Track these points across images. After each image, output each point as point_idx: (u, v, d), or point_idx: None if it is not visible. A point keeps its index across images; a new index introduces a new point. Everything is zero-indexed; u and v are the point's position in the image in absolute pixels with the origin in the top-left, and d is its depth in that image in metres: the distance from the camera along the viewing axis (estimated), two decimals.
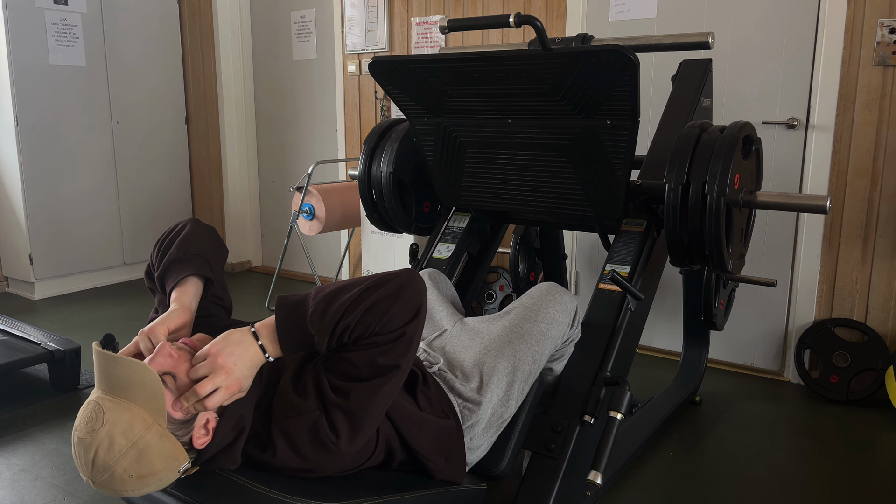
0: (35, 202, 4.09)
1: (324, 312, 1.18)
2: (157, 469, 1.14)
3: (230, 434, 1.23)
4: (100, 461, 1.11)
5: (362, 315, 1.18)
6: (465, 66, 1.77)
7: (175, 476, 1.18)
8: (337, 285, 1.23)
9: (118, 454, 1.11)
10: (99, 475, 1.12)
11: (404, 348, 1.23)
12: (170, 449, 1.15)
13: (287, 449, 1.23)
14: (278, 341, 1.20)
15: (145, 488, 1.15)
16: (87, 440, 1.11)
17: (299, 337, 1.20)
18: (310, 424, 1.22)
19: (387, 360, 1.22)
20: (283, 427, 1.23)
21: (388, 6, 3.83)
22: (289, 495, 1.21)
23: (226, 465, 1.26)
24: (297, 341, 1.20)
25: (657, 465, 2.26)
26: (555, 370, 1.80)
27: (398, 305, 1.19)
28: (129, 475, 1.11)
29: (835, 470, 2.24)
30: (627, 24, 3.12)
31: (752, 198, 1.87)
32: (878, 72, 2.59)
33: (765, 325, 3.00)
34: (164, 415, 1.15)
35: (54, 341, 2.80)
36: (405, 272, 1.23)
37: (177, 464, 1.16)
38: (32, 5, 3.95)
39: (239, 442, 1.24)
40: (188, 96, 4.87)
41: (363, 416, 1.25)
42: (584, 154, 1.85)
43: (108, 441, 1.11)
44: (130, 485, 1.13)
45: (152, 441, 1.13)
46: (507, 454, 1.65)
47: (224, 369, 1.17)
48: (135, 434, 1.11)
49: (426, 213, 2.40)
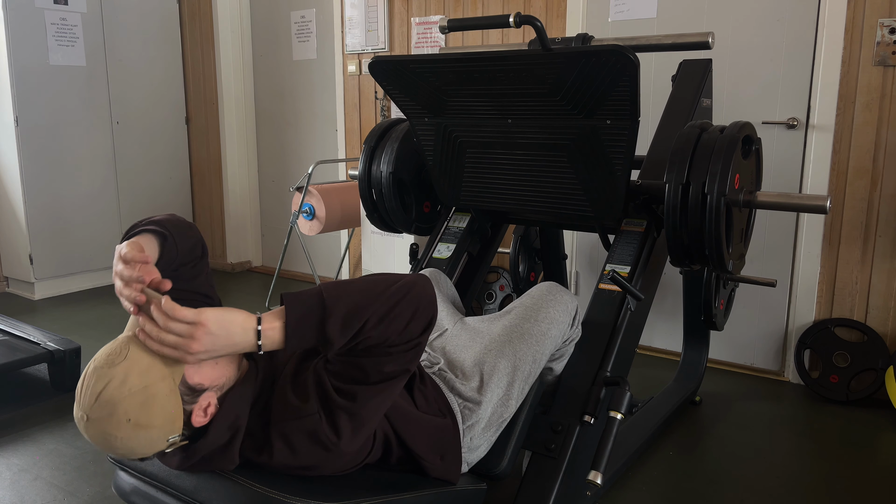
0: (35, 202, 4.09)
1: (344, 319, 1.14)
2: (153, 424, 1.12)
3: (226, 433, 1.23)
4: (106, 394, 1.09)
5: (384, 328, 1.16)
6: (465, 66, 1.77)
7: (163, 444, 1.16)
8: (352, 287, 1.18)
9: (127, 392, 1.09)
10: (99, 410, 1.10)
11: (414, 355, 1.24)
12: (173, 409, 1.14)
13: (285, 451, 1.23)
14: (285, 337, 1.15)
15: (132, 442, 1.12)
16: (103, 371, 1.10)
17: (310, 337, 1.16)
18: (309, 427, 1.22)
19: (396, 367, 1.22)
20: (281, 430, 1.23)
21: (388, 6, 3.83)
22: (289, 495, 1.21)
23: (223, 465, 1.26)
24: (305, 340, 1.16)
25: (657, 465, 2.26)
26: (555, 370, 1.80)
27: (416, 318, 1.19)
28: (127, 419, 1.09)
29: (834, 470, 2.24)
30: (627, 24, 3.12)
31: (752, 198, 1.87)
32: (878, 72, 2.59)
33: (765, 325, 3.00)
34: (181, 374, 1.15)
35: (54, 341, 2.80)
36: (421, 279, 1.22)
37: (171, 429, 1.15)
38: (32, 5, 3.95)
39: (235, 441, 1.24)
40: (188, 96, 4.87)
41: (367, 416, 1.25)
42: (584, 154, 1.85)
43: (122, 376, 1.10)
44: (122, 431, 1.10)
45: (162, 392, 1.12)
46: (507, 454, 1.65)
47: (203, 336, 1.11)
48: (150, 378, 1.11)
49: (426, 213, 2.40)
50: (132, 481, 1.37)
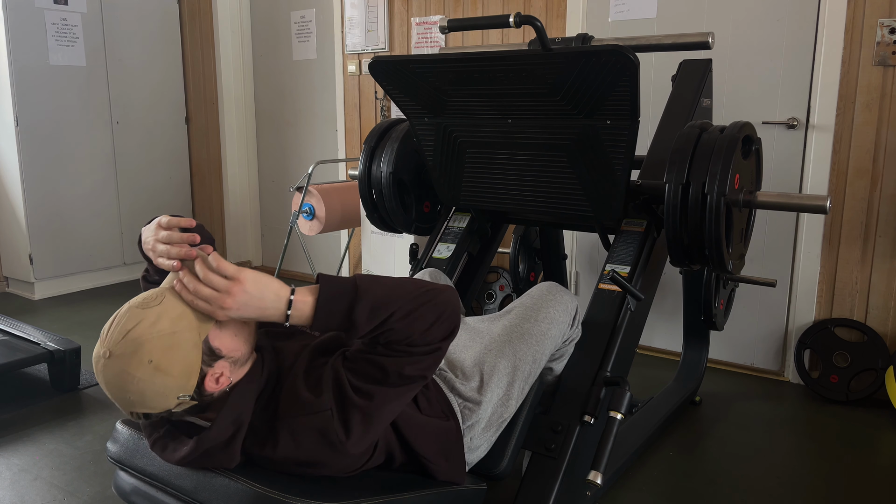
0: (35, 202, 4.09)
1: (372, 307, 1.18)
2: (172, 372, 1.13)
3: (229, 428, 1.23)
4: (135, 332, 1.12)
5: (409, 322, 1.20)
6: (465, 66, 1.77)
7: (173, 400, 1.15)
8: (384, 281, 1.23)
9: (156, 333, 1.12)
10: (124, 346, 1.12)
11: (433, 361, 1.26)
12: (192, 363, 1.15)
13: (290, 445, 1.23)
14: (314, 312, 1.17)
15: (146, 386, 1.12)
16: (136, 311, 1.14)
17: (338, 317, 1.18)
18: (319, 424, 1.22)
19: (415, 371, 1.24)
20: (289, 423, 1.23)
21: (388, 6, 3.83)
22: (289, 495, 1.21)
23: (225, 461, 1.25)
24: (332, 319, 1.18)
25: (657, 465, 2.26)
26: (555, 370, 1.80)
27: (440, 322, 1.22)
28: (149, 359, 1.11)
29: (834, 470, 2.24)
30: (627, 24, 3.12)
31: (752, 198, 1.87)
32: (878, 72, 2.59)
33: (765, 325, 3.00)
34: (207, 332, 1.17)
35: (54, 341, 2.80)
36: (450, 291, 1.26)
37: (186, 384, 1.16)
38: (32, 5, 3.95)
39: (238, 437, 1.24)
40: (188, 96, 4.87)
41: (379, 418, 1.25)
42: (584, 154, 1.85)
43: (154, 318, 1.13)
44: (141, 371, 1.11)
45: (187, 342, 1.14)
46: (507, 454, 1.65)
47: (239, 293, 1.14)
48: (179, 326, 1.14)
49: (426, 213, 2.40)
50: (132, 481, 1.37)
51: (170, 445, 1.28)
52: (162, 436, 1.30)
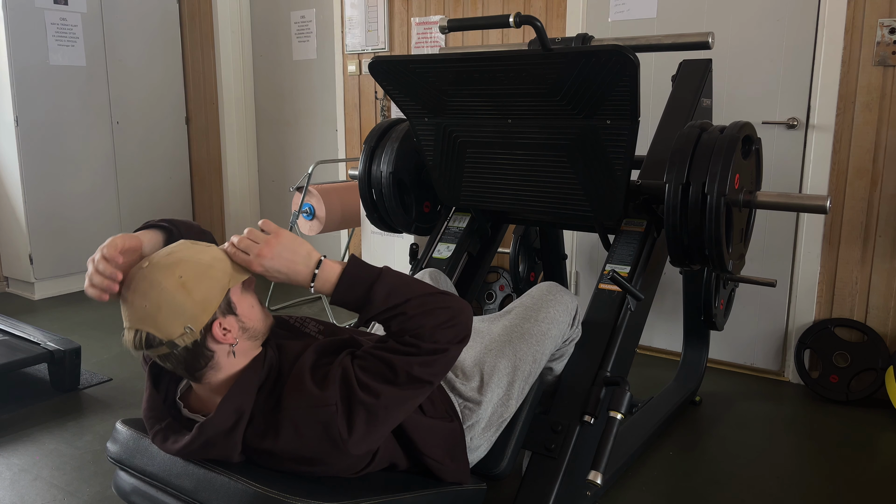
0: (35, 202, 4.09)
1: (390, 290, 1.27)
2: (194, 295, 1.19)
3: (231, 417, 1.24)
4: (179, 254, 1.22)
5: (422, 313, 1.26)
6: (465, 66, 1.77)
7: (180, 327, 1.19)
8: (409, 278, 1.32)
9: (195, 260, 1.22)
10: (165, 258, 1.22)
11: (442, 366, 1.28)
12: (212, 298, 1.21)
13: (292, 438, 1.23)
14: (335, 285, 1.27)
15: (166, 300, 1.18)
16: (188, 243, 1.26)
17: (356, 295, 1.27)
18: (324, 418, 1.22)
19: (423, 373, 1.26)
20: (293, 415, 1.23)
21: (388, 6, 3.83)
22: (289, 495, 1.21)
23: (226, 451, 1.25)
24: (350, 296, 1.28)
25: (657, 465, 2.26)
26: (555, 370, 1.80)
27: (452, 324, 1.27)
28: (179, 276, 1.19)
29: (835, 470, 2.24)
30: (627, 24, 3.12)
31: (752, 198, 1.87)
32: (878, 72, 2.59)
33: (765, 325, 3.00)
34: (237, 282, 1.25)
35: (54, 341, 2.80)
36: (467, 304, 1.32)
37: (199, 315, 1.20)
38: (32, 5, 3.95)
39: (240, 426, 1.24)
40: (188, 96, 4.87)
41: (384, 420, 1.25)
42: (584, 154, 1.85)
43: (199, 251, 1.24)
44: (167, 282, 1.18)
45: (217, 280, 1.22)
46: (507, 454, 1.65)
47: (276, 244, 1.26)
48: (217, 264, 1.23)
49: (426, 213, 2.40)
50: (132, 481, 1.37)
51: (170, 437, 1.28)
52: (163, 428, 1.30)
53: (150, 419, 1.33)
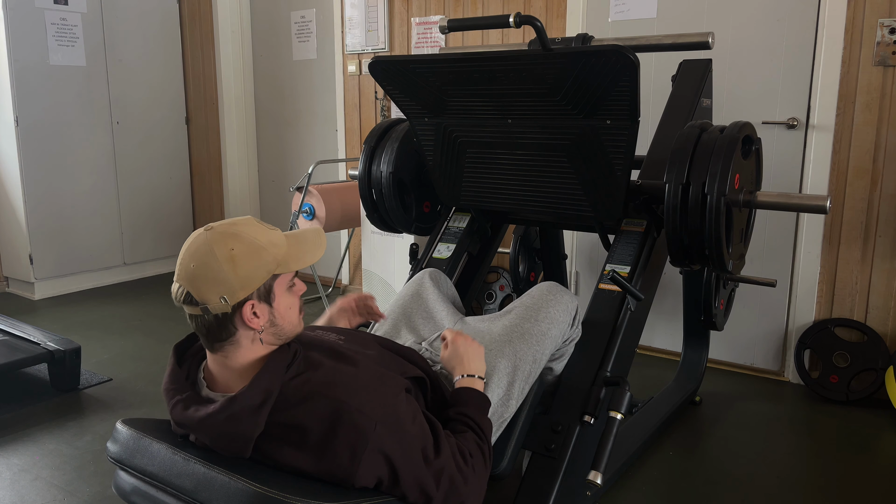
0: (35, 202, 4.09)
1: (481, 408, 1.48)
2: (237, 270, 1.23)
3: (260, 395, 1.24)
4: (239, 227, 1.27)
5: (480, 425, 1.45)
6: (465, 66, 1.77)
7: (216, 296, 1.23)
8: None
9: (251, 238, 1.25)
10: (227, 227, 1.27)
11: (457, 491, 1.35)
12: (254, 279, 1.25)
13: (323, 419, 1.23)
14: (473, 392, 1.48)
15: (212, 265, 1.22)
16: (253, 219, 1.31)
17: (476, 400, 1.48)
18: (359, 436, 1.22)
19: (447, 451, 1.33)
20: (341, 403, 1.24)
21: (388, 6, 3.83)
22: (289, 495, 1.21)
23: (248, 429, 1.24)
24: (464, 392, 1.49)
25: (657, 465, 2.26)
26: (555, 370, 1.80)
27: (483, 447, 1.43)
28: (231, 248, 1.24)
29: (834, 470, 2.24)
30: (627, 24, 3.12)
31: (752, 198, 1.87)
32: (878, 72, 2.59)
33: (765, 325, 3.00)
34: (284, 271, 1.28)
35: (54, 341, 2.80)
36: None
37: (236, 290, 1.23)
38: (32, 5, 3.95)
39: (266, 405, 1.24)
40: (188, 96, 4.87)
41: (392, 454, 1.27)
42: (584, 154, 1.85)
43: (259, 231, 1.28)
44: (219, 251, 1.23)
45: (264, 263, 1.25)
46: (507, 454, 1.65)
47: (469, 346, 1.54)
48: (270, 249, 1.27)
49: (426, 213, 2.40)
50: (132, 481, 1.37)
51: (192, 406, 1.29)
52: (184, 398, 1.30)
53: (171, 391, 1.33)
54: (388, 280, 3.53)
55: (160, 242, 4.79)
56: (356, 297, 1.79)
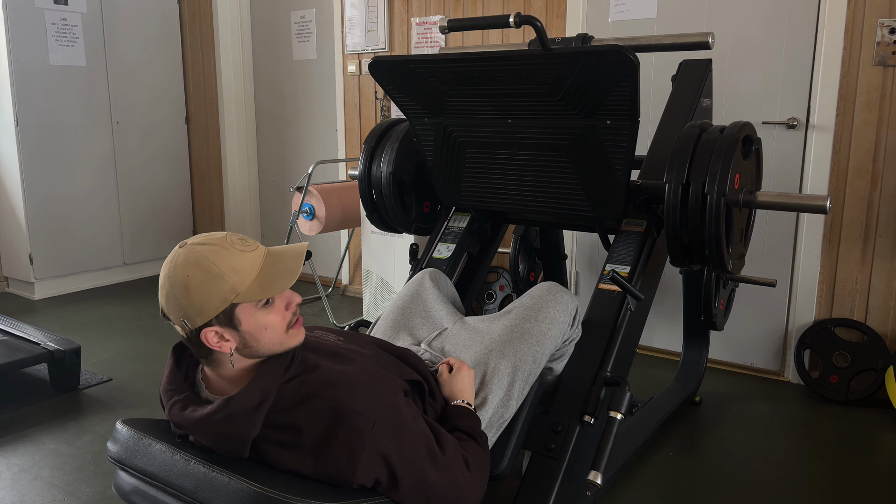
0: (35, 202, 4.09)
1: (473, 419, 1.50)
2: (192, 298, 1.20)
3: (257, 396, 1.24)
4: (210, 245, 1.23)
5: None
6: (465, 66, 1.77)
7: (178, 317, 1.22)
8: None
9: (212, 260, 1.21)
10: (192, 248, 1.23)
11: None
12: (211, 306, 1.21)
13: (325, 414, 1.23)
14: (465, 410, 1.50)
15: (171, 285, 1.21)
16: (231, 240, 1.26)
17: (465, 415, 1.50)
18: (358, 423, 1.22)
19: (451, 450, 1.35)
20: (339, 401, 1.23)
21: (388, 6, 3.83)
22: (289, 495, 1.21)
23: (245, 429, 1.23)
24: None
25: (657, 465, 2.26)
26: (555, 370, 1.80)
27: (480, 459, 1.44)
28: (187, 275, 1.20)
29: (834, 470, 2.24)
30: (627, 24, 3.12)
31: (752, 198, 1.87)
32: (878, 72, 2.59)
33: (765, 325, 3.00)
34: (240, 301, 1.22)
35: (54, 341, 2.80)
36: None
37: (196, 317, 1.21)
38: (32, 5, 3.95)
39: (264, 406, 1.24)
40: (188, 96, 4.87)
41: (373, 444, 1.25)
42: (584, 154, 1.85)
43: (229, 254, 1.23)
44: (177, 276, 1.21)
45: (220, 292, 1.21)
46: (507, 454, 1.65)
47: (466, 374, 1.55)
48: (228, 280, 1.21)
49: (426, 213, 2.40)
50: (132, 481, 1.37)
51: (189, 406, 1.28)
52: (182, 399, 1.30)
53: (169, 392, 1.33)
54: (387, 280, 3.53)
55: (160, 242, 4.79)
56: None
